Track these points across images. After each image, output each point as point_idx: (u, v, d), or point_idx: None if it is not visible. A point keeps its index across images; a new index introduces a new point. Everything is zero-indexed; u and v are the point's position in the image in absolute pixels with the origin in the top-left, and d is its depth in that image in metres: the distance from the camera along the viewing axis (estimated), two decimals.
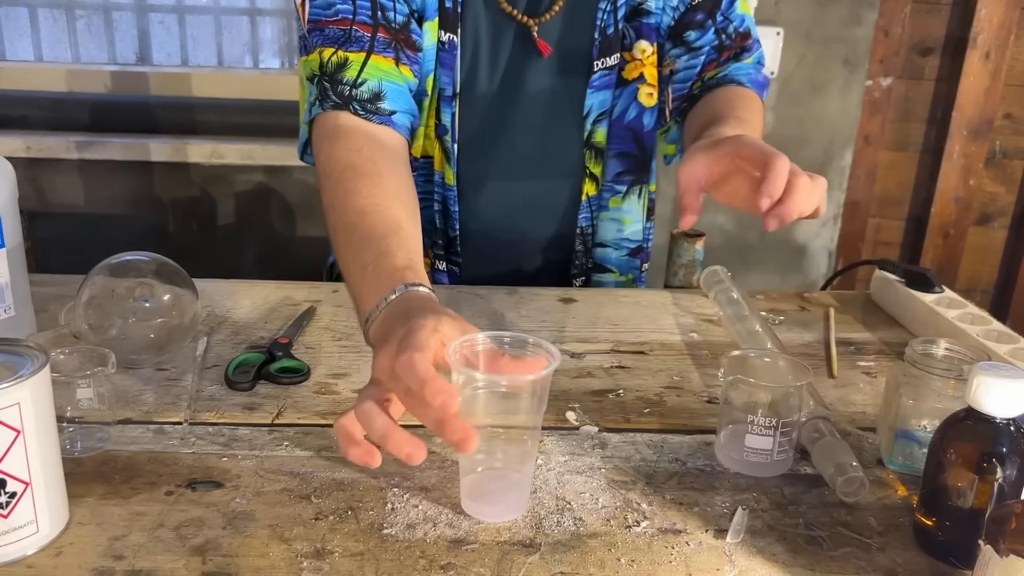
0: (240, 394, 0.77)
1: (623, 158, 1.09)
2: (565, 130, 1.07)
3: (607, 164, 1.09)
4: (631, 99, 1.07)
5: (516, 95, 1.04)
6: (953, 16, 2.04)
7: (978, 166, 2.11)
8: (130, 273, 0.80)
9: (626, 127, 1.08)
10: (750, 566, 0.58)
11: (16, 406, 0.53)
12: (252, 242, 2.11)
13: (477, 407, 0.60)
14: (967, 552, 0.56)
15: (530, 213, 1.10)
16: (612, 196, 1.11)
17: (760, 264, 2.20)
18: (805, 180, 0.73)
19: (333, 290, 1.03)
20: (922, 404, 0.68)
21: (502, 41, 1.02)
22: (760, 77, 1.09)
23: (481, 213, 1.08)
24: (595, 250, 1.13)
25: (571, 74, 1.05)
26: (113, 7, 2.08)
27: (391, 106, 0.90)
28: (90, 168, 2.02)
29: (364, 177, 0.81)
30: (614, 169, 1.09)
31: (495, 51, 1.03)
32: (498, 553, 0.58)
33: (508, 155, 1.07)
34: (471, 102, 1.04)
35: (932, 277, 0.98)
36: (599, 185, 1.09)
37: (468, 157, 1.05)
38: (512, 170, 1.07)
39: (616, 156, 1.09)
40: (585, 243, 1.12)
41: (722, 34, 1.07)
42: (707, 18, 1.05)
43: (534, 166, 1.08)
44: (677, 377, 0.85)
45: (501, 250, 1.12)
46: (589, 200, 1.10)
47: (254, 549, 0.57)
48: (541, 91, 1.05)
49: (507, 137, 1.06)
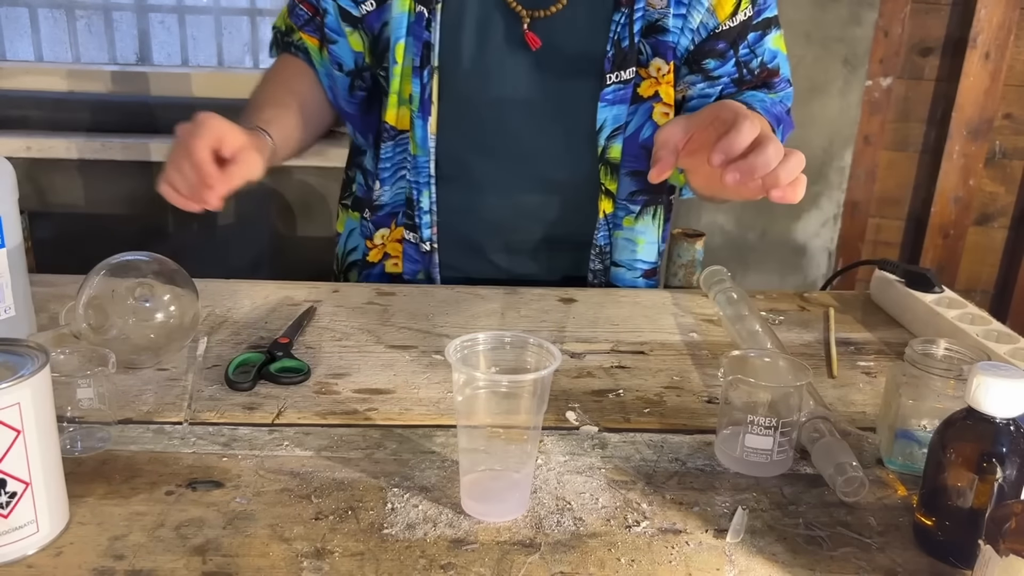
0: (240, 394, 0.77)
1: (637, 177, 1.06)
2: (570, 139, 1.05)
3: (621, 182, 1.06)
4: (646, 117, 1.04)
5: (503, 83, 1.03)
6: (953, 16, 2.04)
7: (978, 166, 2.11)
8: (130, 273, 0.80)
9: (640, 145, 1.04)
10: (750, 566, 0.58)
11: (16, 406, 0.53)
12: (252, 242, 2.11)
13: (477, 407, 0.60)
14: (967, 552, 0.56)
15: (524, 217, 1.09)
16: (626, 215, 1.08)
17: (760, 264, 2.20)
18: (774, 146, 0.69)
19: (333, 290, 1.03)
20: (922, 404, 0.68)
21: (491, 25, 1.01)
22: (777, 110, 1.03)
23: (459, 201, 1.08)
24: (612, 269, 1.11)
25: (575, 79, 1.03)
26: (113, 7, 2.08)
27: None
28: (90, 168, 2.02)
29: (277, 81, 1.10)
30: (628, 188, 1.07)
31: (484, 33, 1.02)
32: (498, 553, 0.58)
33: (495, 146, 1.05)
34: (453, 82, 1.03)
35: (932, 277, 0.98)
36: (615, 203, 1.07)
37: (447, 136, 1.05)
38: (500, 164, 1.06)
39: (630, 175, 1.06)
40: (603, 261, 1.10)
41: (743, 67, 1.03)
42: (729, 48, 1.02)
43: (526, 166, 1.07)
44: (677, 377, 0.85)
45: (494, 247, 1.11)
46: (607, 218, 1.08)
47: (254, 549, 0.57)
48: (535, 88, 1.03)
49: (495, 127, 1.05)
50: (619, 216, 1.08)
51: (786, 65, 1.07)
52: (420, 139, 1.04)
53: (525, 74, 1.03)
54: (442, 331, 0.93)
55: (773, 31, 1.06)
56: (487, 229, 1.10)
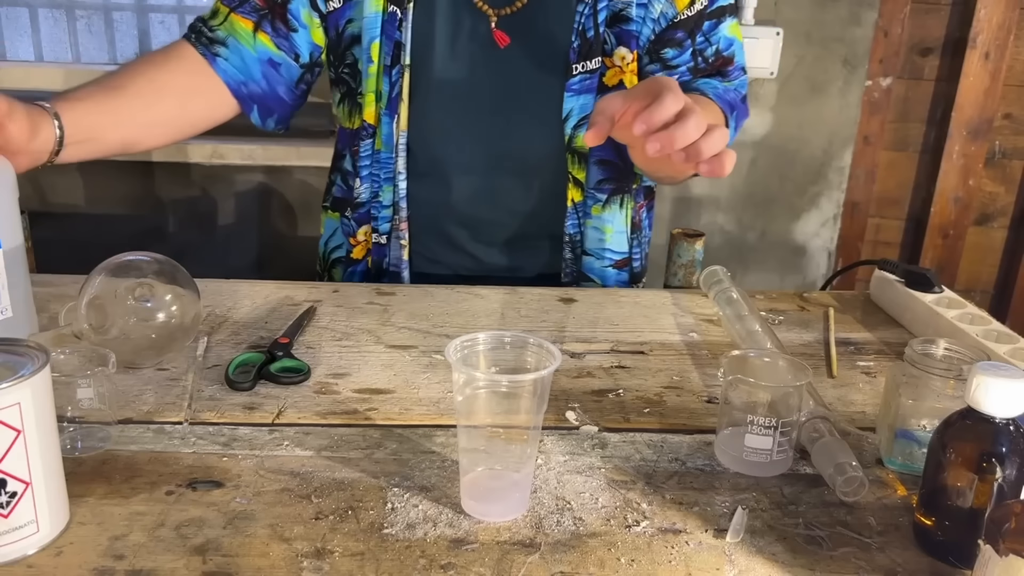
0: (240, 394, 0.78)
1: (604, 166, 1.09)
2: (539, 129, 1.07)
3: (589, 170, 1.08)
4: None
5: (474, 80, 1.05)
6: (953, 16, 2.04)
7: (978, 166, 2.11)
8: (131, 273, 0.80)
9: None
10: (750, 566, 0.58)
11: (16, 406, 0.53)
12: (252, 242, 2.11)
13: (477, 407, 0.61)
14: (967, 552, 0.56)
15: (498, 210, 1.11)
16: (594, 204, 1.10)
17: (759, 264, 2.20)
18: (695, 119, 0.70)
19: (333, 290, 1.03)
20: (922, 404, 0.68)
21: (460, 25, 1.03)
22: (730, 96, 1.05)
23: (434, 196, 1.09)
24: (583, 258, 1.13)
25: (543, 71, 1.04)
26: (113, 7, 2.08)
27: (223, 52, 1.05)
28: (90, 168, 2.01)
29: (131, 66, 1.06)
30: (595, 176, 1.09)
31: (454, 33, 1.03)
32: (498, 553, 0.58)
33: (467, 141, 1.07)
34: (424, 81, 1.04)
35: (932, 277, 0.98)
36: (584, 191, 1.09)
37: (419, 132, 1.06)
38: (472, 159, 1.08)
39: (597, 163, 1.08)
40: (574, 250, 1.12)
41: (699, 56, 1.05)
42: (687, 37, 1.04)
43: (498, 159, 1.08)
44: (677, 377, 0.85)
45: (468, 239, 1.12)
46: (575, 206, 1.09)
47: (254, 549, 0.57)
48: (504, 82, 1.05)
49: (467, 122, 1.06)
50: (588, 204, 1.10)
51: (741, 53, 1.09)
52: (385, 136, 1.06)
53: (494, 69, 1.05)
54: (442, 331, 0.93)
55: (728, 19, 1.07)
56: (461, 221, 1.12)
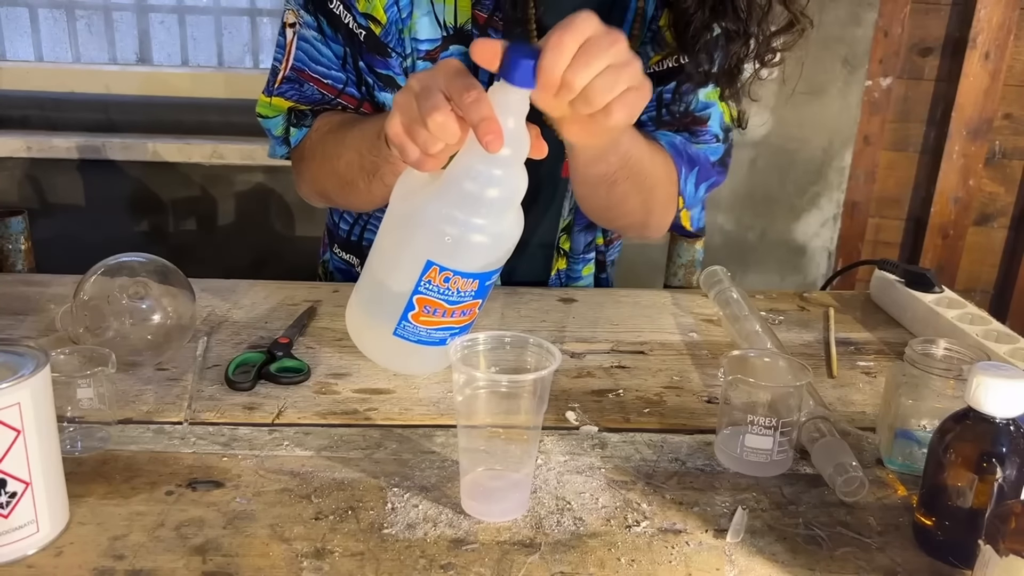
0: (240, 394, 0.77)
1: (589, 229, 1.08)
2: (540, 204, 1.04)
3: (574, 239, 1.08)
4: None
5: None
6: (953, 16, 2.04)
7: (977, 166, 2.12)
8: (124, 273, 0.80)
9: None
10: (750, 566, 0.58)
11: (16, 406, 0.53)
12: (252, 242, 2.11)
13: (477, 407, 0.61)
14: (967, 552, 0.56)
15: None
16: (585, 266, 1.11)
17: (760, 264, 2.20)
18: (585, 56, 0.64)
19: (333, 290, 1.03)
20: (922, 404, 0.68)
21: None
22: (690, 150, 0.98)
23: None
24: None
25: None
26: (113, 7, 2.08)
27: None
28: (90, 168, 2.02)
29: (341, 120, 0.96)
30: (582, 241, 1.08)
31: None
32: (498, 553, 0.58)
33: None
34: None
35: (932, 277, 0.98)
36: (569, 260, 1.09)
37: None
38: None
39: (583, 230, 1.07)
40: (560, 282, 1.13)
41: (663, 108, 0.98)
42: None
43: None
44: (677, 377, 0.85)
45: None
46: (559, 273, 1.10)
47: (254, 549, 0.57)
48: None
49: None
50: (576, 270, 1.10)
51: (718, 122, 1.01)
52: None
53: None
54: None
55: (710, 87, 0.99)
56: None
